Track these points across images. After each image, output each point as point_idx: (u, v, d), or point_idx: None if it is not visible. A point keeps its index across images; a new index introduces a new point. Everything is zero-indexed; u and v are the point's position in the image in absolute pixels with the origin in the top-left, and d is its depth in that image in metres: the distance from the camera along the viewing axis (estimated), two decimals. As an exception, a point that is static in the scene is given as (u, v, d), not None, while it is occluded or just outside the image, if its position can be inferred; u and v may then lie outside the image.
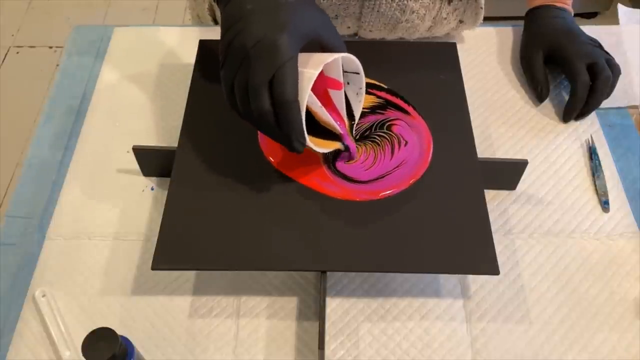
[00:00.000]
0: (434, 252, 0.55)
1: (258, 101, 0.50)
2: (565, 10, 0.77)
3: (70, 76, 0.78)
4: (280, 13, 0.51)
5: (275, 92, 0.50)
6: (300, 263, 0.55)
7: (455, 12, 0.77)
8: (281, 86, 0.50)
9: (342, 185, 0.59)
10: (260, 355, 0.57)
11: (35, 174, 0.69)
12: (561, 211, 0.66)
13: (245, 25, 0.51)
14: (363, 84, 0.58)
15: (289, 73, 0.50)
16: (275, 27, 0.50)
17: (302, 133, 0.52)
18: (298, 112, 0.51)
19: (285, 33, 0.50)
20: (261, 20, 0.51)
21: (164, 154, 0.64)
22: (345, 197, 0.58)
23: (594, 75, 0.71)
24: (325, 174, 0.60)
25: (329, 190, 0.59)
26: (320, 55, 0.53)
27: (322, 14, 0.55)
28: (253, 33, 0.50)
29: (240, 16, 0.52)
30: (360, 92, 0.59)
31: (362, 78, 0.58)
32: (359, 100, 0.60)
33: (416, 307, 0.59)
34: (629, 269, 0.62)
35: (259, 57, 0.50)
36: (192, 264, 0.56)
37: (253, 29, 0.51)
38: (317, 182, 0.59)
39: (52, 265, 0.62)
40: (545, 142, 0.72)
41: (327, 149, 0.58)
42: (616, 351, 0.57)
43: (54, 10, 2.04)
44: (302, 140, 0.53)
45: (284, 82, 0.50)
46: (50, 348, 0.57)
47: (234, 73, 0.51)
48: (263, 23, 0.51)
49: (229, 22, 0.52)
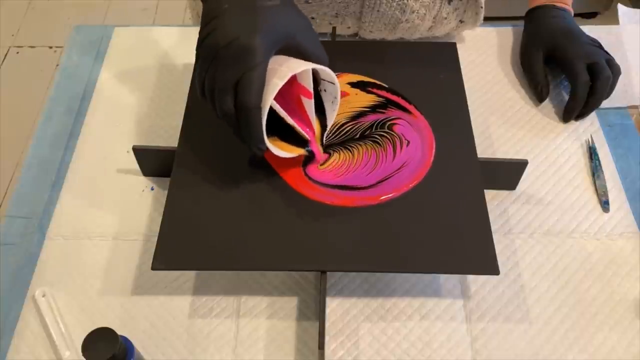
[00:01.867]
0: (434, 252, 0.55)
1: (222, 103, 0.51)
2: (565, 11, 0.77)
3: (70, 76, 0.79)
4: (255, 15, 0.51)
5: (238, 96, 0.50)
6: (300, 263, 0.55)
7: (455, 12, 0.77)
8: (244, 91, 0.50)
9: (342, 195, 0.58)
10: (260, 355, 0.57)
11: (35, 174, 0.69)
12: (561, 211, 0.66)
13: (219, 25, 0.50)
14: (338, 93, 0.58)
15: (255, 79, 0.50)
16: (249, 29, 0.50)
17: (262, 139, 0.52)
18: (259, 119, 0.51)
19: (257, 36, 0.49)
20: (236, 21, 0.50)
21: (164, 154, 0.64)
22: (346, 205, 0.58)
23: (594, 75, 0.71)
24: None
25: (327, 200, 0.58)
26: (295, 61, 0.53)
27: (301, 18, 0.55)
28: (226, 33, 0.50)
29: (217, 14, 0.51)
30: (335, 102, 0.59)
31: (337, 88, 0.58)
32: (333, 109, 0.60)
33: (416, 307, 0.59)
34: (629, 269, 0.62)
35: (227, 58, 0.50)
36: (191, 264, 0.56)
37: (226, 29, 0.50)
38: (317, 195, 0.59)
39: (52, 265, 0.62)
40: (545, 142, 0.72)
41: (291, 154, 0.58)
42: (616, 351, 0.57)
43: (54, 10, 2.04)
44: (261, 146, 0.53)
45: (248, 88, 0.49)
46: (50, 348, 0.57)
47: (205, 71, 0.51)
48: (237, 24, 0.50)
49: (206, 19, 0.52)
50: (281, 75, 0.51)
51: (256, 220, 0.57)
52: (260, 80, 0.50)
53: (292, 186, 0.59)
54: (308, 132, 0.59)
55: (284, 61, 0.53)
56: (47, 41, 1.94)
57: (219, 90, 0.50)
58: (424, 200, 0.58)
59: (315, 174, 0.60)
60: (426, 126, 0.64)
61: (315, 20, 0.78)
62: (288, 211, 0.57)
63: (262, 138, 0.52)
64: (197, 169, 0.60)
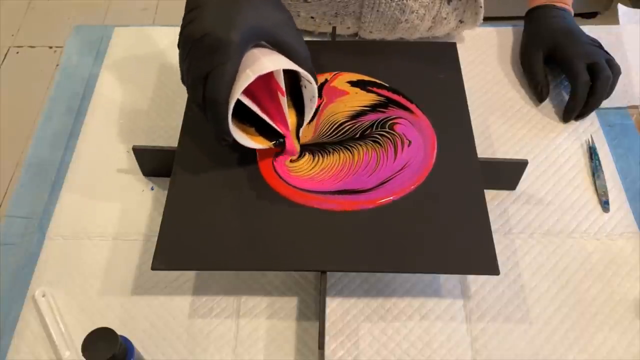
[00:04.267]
0: (434, 252, 0.55)
1: (194, 93, 0.52)
2: (565, 10, 0.77)
3: (70, 76, 0.79)
4: (234, 9, 0.51)
5: (206, 89, 0.51)
6: (300, 263, 0.55)
7: (455, 12, 0.77)
8: (212, 85, 0.50)
9: (343, 200, 0.58)
10: (260, 355, 0.57)
11: (35, 174, 0.69)
12: (561, 211, 0.66)
13: (197, 16, 0.51)
14: (315, 92, 0.58)
15: (224, 73, 0.50)
16: (225, 23, 0.50)
17: (226, 132, 0.53)
18: (224, 112, 0.52)
19: (233, 31, 0.50)
20: (213, 13, 0.51)
21: (164, 154, 0.64)
22: (347, 209, 0.58)
23: (594, 75, 0.71)
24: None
25: (328, 207, 0.58)
26: (270, 59, 0.53)
27: (282, 12, 0.54)
28: (202, 26, 0.50)
29: (197, 5, 0.52)
30: (314, 99, 0.59)
31: (314, 87, 0.57)
32: (311, 107, 0.60)
33: (416, 307, 0.59)
34: (629, 269, 0.62)
35: (200, 51, 0.50)
36: (191, 264, 0.56)
37: (203, 21, 0.50)
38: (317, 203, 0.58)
39: (52, 265, 0.62)
40: (545, 142, 0.72)
41: (260, 146, 0.59)
42: (616, 351, 0.57)
43: (54, 10, 2.04)
44: (227, 138, 0.54)
45: (216, 82, 0.50)
46: (50, 348, 0.57)
47: (184, 60, 0.52)
48: (214, 17, 0.50)
49: (187, 8, 0.53)
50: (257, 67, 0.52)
51: (256, 221, 0.57)
52: (229, 75, 0.50)
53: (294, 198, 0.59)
54: (280, 126, 0.59)
55: (263, 54, 0.53)
56: (47, 41, 1.94)
57: (191, 80, 0.52)
58: (424, 200, 0.58)
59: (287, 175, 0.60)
60: (428, 126, 0.64)
61: (315, 19, 0.78)
62: (288, 211, 0.57)
63: (227, 130, 0.53)
64: (197, 169, 0.60)
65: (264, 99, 0.58)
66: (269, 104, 0.58)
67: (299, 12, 0.77)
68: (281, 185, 0.59)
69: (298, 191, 0.58)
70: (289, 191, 0.58)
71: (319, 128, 0.64)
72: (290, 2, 0.76)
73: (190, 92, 0.53)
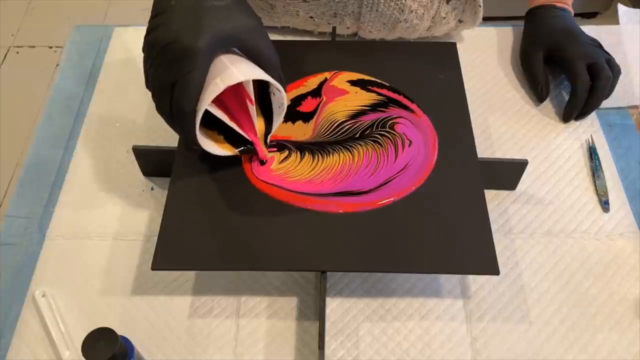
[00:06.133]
0: (434, 252, 0.55)
1: (159, 101, 0.51)
2: (565, 10, 0.77)
3: (70, 76, 0.79)
4: (201, 16, 0.49)
5: (173, 98, 0.49)
6: (300, 263, 0.55)
7: (454, 11, 0.77)
8: (180, 94, 0.49)
9: (343, 202, 0.58)
10: (260, 355, 0.57)
11: (35, 174, 0.69)
12: (561, 211, 0.66)
13: (163, 22, 0.50)
14: (284, 100, 0.57)
15: (191, 82, 0.49)
16: (192, 30, 0.48)
17: (194, 140, 0.53)
18: (192, 122, 0.51)
19: (200, 38, 0.48)
20: (180, 20, 0.49)
21: (164, 154, 0.64)
22: (348, 211, 0.57)
23: (594, 75, 0.71)
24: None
25: (329, 209, 0.58)
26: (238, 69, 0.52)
27: (251, 18, 0.53)
28: (168, 33, 0.49)
29: (163, 10, 0.50)
30: (282, 107, 0.58)
31: (283, 95, 0.57)
32: (280, 114, 0.59)
33: (416, 307, 0.59)
34: (629, 269, 0.62)
35: (166, 59, 0.49)
36: (192, 264, 0.56)
37: (169, 28, 0.49)
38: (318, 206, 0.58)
39: (52, 265, 0.62)
40: (545, 142, 0.72)
41: (228, 153, 0.58)
42: (616, 351, 0.57)
43: (54, 10, 2.04)
44: (194, 147, 0.54)
45: (184, 91, 0.49)
46: (50, 348, 0.57)
47: (149, 66, 0.51)
48: (181, 24, 0.49)
49: (153, 12, 0.51)
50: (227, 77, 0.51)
51: (256, 221, 0.57)
52: (197, 84, 0.49)
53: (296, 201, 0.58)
54: (249, 134, 0.58)
55: (233, 62, 0.52)
56: (47, 41, 1.94)
57: (157, 87, 0.50)
58: (423, 200, 0.58)
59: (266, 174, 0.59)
60: (429, 125, 0.64)
61: (314, 19, 0.78)
62: (288, 211, 0.57)
63: (194, 139, 0.53)
64: (197, 168, 0.60)
65: (231, 105, 0.57)
66: (236, 110, 0.57)
67: (297, 11, 0.77)
68: (275, 191, 0.58)
69: (297, 195, 0.58)
70: (288, 196, 0.58)
71: (318, 127, 0.64)
72: (290, 2, 0.76)
73: (156, 100, 0.51)
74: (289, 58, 0.70)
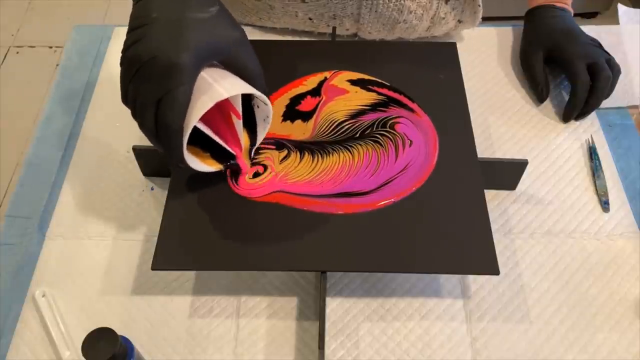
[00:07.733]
0: (434, 252, 0.55)
1: (142, 118, 0.48)
2: (565, 10, 0.77)
3: (70, 76, 0.79)
4: (184, 30, 0.47)
5: (159, 115, 0.47)
6: (300, 263, 0.55)
7: (453, 11, 0.77)
8: (166, 111, 0.47)
9: (343, 203, 0.58)
10: (260, 355, 0.57)
11: (35, 174, 0.69)
12: (561, 211, 0.66)
13: (144, 35, 0.47)
14: (269, 113, 0.56)
15: (178, 98, 0.46)
16: (175, 45, 0.46)
17: (181, 158, 0.51)
18: (179, 139, 0.49)
19: (184, 53, 0.46)
20: (162, 34, 0.47)
21: (164, 154, 0.64)
22: (348, 212, 0.57)
23: (594, 75, 0.71)
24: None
25: (329, 210, 0.57)
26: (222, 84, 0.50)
27: (235, 30, 0.51)
28: (150, 47, 0.47)
29: (144, 22, 0.48)
30: (267, 120, 0.57)
31: (269, 108, 0.56)
32: (264, 128, 0.58)
33: (416, 307, 0.59)
34: (629, 269, 0.62)
35: (150, 75, 0.47)
36: (191, 264, 0.56)
37: (151, 42, 0.47)
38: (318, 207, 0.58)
39: (52, 265, 0.62)
40: (545, 142, 0.72)
41: (212, 169, 0.56)
42: (616, 351, 0.57)
43: (54, 10, 2.04)
44: (180, 165, 0.52)
45: (170, 108, 0.47)
46: (50, 348, 0.57)
47: (129, 81, 0.48)
48: (163, 38, 0.47)
49: (132, 24, 0.49)
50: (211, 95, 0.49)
51: (256, 221, 0.57)
52: (183, 101, 0.47)
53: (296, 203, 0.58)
54: (234, 149, 0.57)
55: (217, 77, 0.50)
56: (47, 41, 1.94)
57: (140, 104, 0.48)
58: (423, 200, 0.58)
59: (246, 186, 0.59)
60: (430, 125, 0.64)
61: (313, 20, 0.78)
62: (288, 211, 0.57)
63: (181, 157, 0.51)
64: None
65: (215, 120, 0.55)
66: (220, 124, 0.56)
67: (296, 12, 0.77)
68: (275, 194, 0.58)
69: (298, 197, 0.58)
70: (288, 198, 0.58)
71: (317, 126, 0.64)
72: (288, 2, 0.76)
73: (138, 116, 0.49)
74: (287, 57, 0.70)
